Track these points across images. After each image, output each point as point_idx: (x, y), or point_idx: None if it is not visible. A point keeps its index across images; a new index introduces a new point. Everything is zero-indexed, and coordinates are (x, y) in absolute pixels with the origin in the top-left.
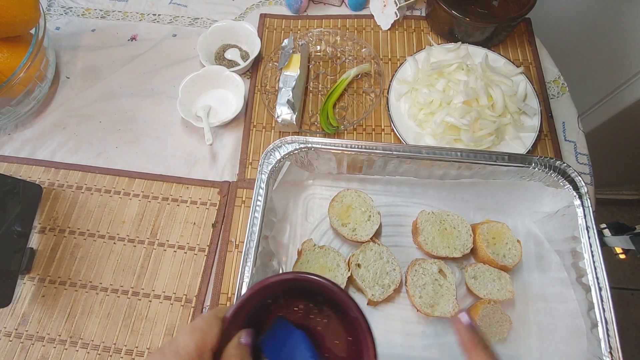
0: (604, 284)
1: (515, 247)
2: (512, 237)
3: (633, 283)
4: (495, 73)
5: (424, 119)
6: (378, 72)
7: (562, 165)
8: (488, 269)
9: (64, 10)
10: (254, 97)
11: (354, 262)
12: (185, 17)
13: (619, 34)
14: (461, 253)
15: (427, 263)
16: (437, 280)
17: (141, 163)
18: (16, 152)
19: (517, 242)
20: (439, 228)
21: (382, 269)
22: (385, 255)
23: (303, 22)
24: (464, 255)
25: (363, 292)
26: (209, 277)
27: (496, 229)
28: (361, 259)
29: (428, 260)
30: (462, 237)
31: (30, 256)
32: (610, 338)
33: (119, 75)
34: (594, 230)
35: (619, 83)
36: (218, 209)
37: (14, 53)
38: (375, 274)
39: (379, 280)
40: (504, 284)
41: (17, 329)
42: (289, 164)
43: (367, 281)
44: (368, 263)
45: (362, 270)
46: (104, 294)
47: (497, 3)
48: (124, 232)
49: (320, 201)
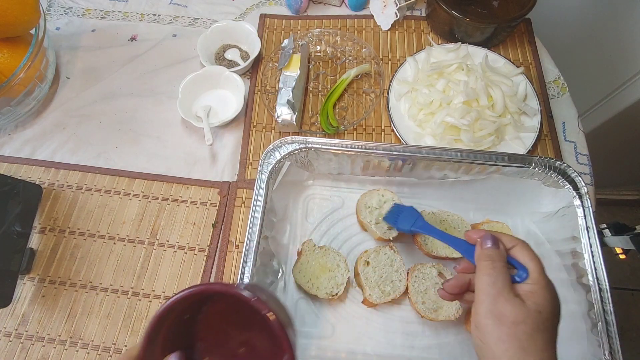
0: (604, 284)
1: None
2: None
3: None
4: (495, 73)
5: (424, 119)
6: (378, 72)
7: (562, 165)
8: None
9: (64, 10)
10: (254, 98)
11: (365, 258)
12: (185, 17)
13: (619, 34)
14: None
15: (426, 268)
16: (438, 284)
17: (141, 163)
18: (16, 152)
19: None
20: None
21: (389, 275)
22: (396, 264)
23: (303, 22)
24: None
25: (362, 289)
26: (209, 277)
27: (496, 229)
28: (372, 258)
29: (427, 265)
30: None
31: (30, 256)
32: (611, 338)
33: (119, 76)
34: (594, 230)
35: (619, 83)
36: (218, 209)
37: (14, 53)
38: (380, 277)
39: (382, 284)
40: None
41: (17, 329)
42: (289, 164)
43: (370, 281)
44: (377, 264)
45: (369, 269)
46: (104, 294)
47: (497, 3)
48: (124, 233)
49: (320, 201)
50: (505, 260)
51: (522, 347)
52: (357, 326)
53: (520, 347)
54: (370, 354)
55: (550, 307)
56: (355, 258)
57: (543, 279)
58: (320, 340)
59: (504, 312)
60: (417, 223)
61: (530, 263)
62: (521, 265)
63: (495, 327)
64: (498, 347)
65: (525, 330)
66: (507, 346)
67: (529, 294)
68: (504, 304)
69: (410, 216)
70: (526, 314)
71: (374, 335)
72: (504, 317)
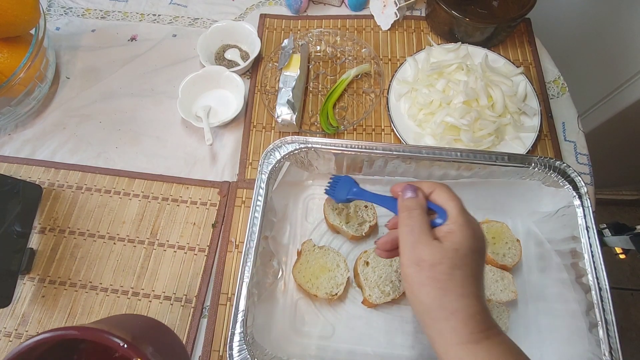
0: (604, 284)
1: (515, 246)
2: (512, 237)
3: (633, 283)
4: (495, 73)
5: (423, 119)
6: (378, 72)
7: (562, 165)
8: (491, 269)
9: (64, 10)
10: (253, 98)
11: (364, 259)
12: (185, 17)
13: (619, 34)
14: None
15: None
16: None
17: (141, 163)
18: (16, 152)
19: (517, 242)
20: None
21: (388, 276)
22: (395, 264)
23: (303, 22)
24: None
25: (362, 289)
26: (209, 277)
27: (496, 229)
28: (372, 258)
29: None
30: None
31: (30, 256)
32: (610, 338)
33: (119, 76)
34: (593, 230)
35: (619, 83)
36: (218, 209)
37: (14, 53)
38: (380, 277)
39: (381, 285)
40: (506, 284)
41: (17, 329)
42: (289, 164)
43: (369, 281)
44: (377, 265)
45: (369, 269)
46: (104, 294)
47: (497, 3)
48: (124, 233)
49: (319, 201)
50: (423, 207)
51: (442, 287)
52: (357, 326)
53: (439, 287)
54: (370, 354)
55: (467, 243)
56: (355, 258)
57: (461, 217)
58: (320, 340)
59: (423, 257)
60: (352, 190)
61: (449, 204)
62: (440, 208)
63: (417, 273)
64: (421, 292)
65: (443, 270)
66: (429, 289)
67: (447, 235)
68: (422, 249)
69: (345, 185)
70: (443, 254)
71: (374, 335)
72: (423, 261)
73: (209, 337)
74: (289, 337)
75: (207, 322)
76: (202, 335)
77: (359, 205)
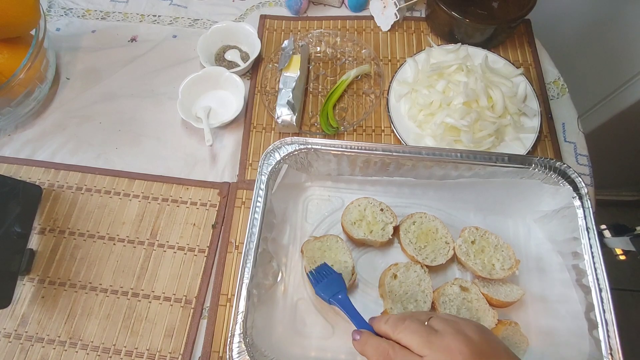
0: (604, 285)
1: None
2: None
3: (633, 284)
4: (495, 74)
5: (424, 120)
6: (378, 73)
7: (562, 166)
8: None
9: (64, 11)
10: (254, 98)
11: (394, 271)
12: (185, 18)
13: (619, 35)
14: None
15: (448, 288)
16: (465, 299)
17: (141, 164)
18: (16, 153)
19: (507, 247)
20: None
21: (414, 295)
22: (424, 284)
23: (303, 23)
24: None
25: (384, 300)
26: (208, 278)
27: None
28: (401, 272)
29: (447, 285)
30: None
31: (30, 257)
32: (611, 339)
33: (119, 77)
34: (594, 231)
35: (619, 84)
36: (218, 210)
37: (14, 54)
38: (405, 294)
39: (405, 301)
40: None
41: (17, 330)
42: (287, 167)
43: (394, 294)
44: (405, 280)
45: (396, 283)
46: (104, 295)
47: (497, 4)
48: (123, 233)
49: (319, 202)
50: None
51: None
52: None
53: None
54: None
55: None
56: (355, 258)
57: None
58: (320, 341)
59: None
60: (337, 297)
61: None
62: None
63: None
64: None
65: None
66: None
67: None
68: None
69: (333, 284)
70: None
71: None
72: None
73: (209, 338)
74: (288, 337)
75: (207, 323)
76: (201, 336)
77: (375, 211)
